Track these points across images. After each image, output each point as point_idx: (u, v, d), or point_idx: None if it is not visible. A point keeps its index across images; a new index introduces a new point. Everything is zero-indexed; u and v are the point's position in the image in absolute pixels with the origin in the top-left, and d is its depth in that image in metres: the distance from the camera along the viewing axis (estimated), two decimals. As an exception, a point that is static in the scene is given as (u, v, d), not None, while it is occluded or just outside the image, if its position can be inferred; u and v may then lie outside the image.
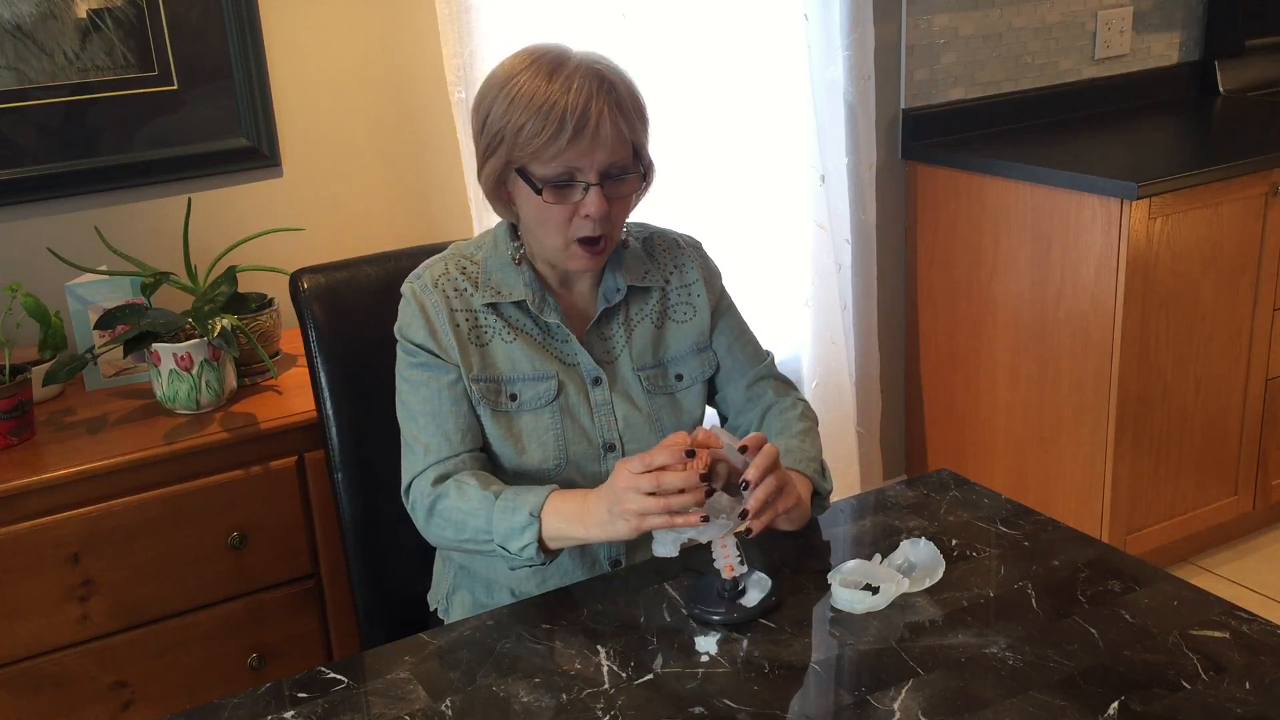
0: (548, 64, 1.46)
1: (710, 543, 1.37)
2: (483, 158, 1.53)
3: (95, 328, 2.04)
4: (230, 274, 2.07)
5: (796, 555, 1.49)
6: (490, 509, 1.45)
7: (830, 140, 2.86)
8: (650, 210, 1.73)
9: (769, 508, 1.36)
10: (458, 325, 1.54)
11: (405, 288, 1.58)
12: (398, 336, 1.58)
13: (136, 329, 1.95)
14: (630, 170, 1.51)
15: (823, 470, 1.57)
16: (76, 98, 2.20)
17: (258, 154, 2.37)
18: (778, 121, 2.81)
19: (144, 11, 2.21)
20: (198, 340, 2.00)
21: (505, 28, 2.43)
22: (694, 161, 2.72)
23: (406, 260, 1.74)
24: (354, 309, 1.73)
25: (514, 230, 1.59)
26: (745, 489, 1.35)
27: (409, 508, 1.56)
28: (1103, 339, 2.69)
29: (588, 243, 1.50)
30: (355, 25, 2.42)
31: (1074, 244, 2.71)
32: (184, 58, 2.27)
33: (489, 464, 1.56)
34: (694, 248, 1.69)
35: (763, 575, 1.40)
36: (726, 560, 1.36)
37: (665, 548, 1.37)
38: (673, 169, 2.68)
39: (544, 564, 1.46)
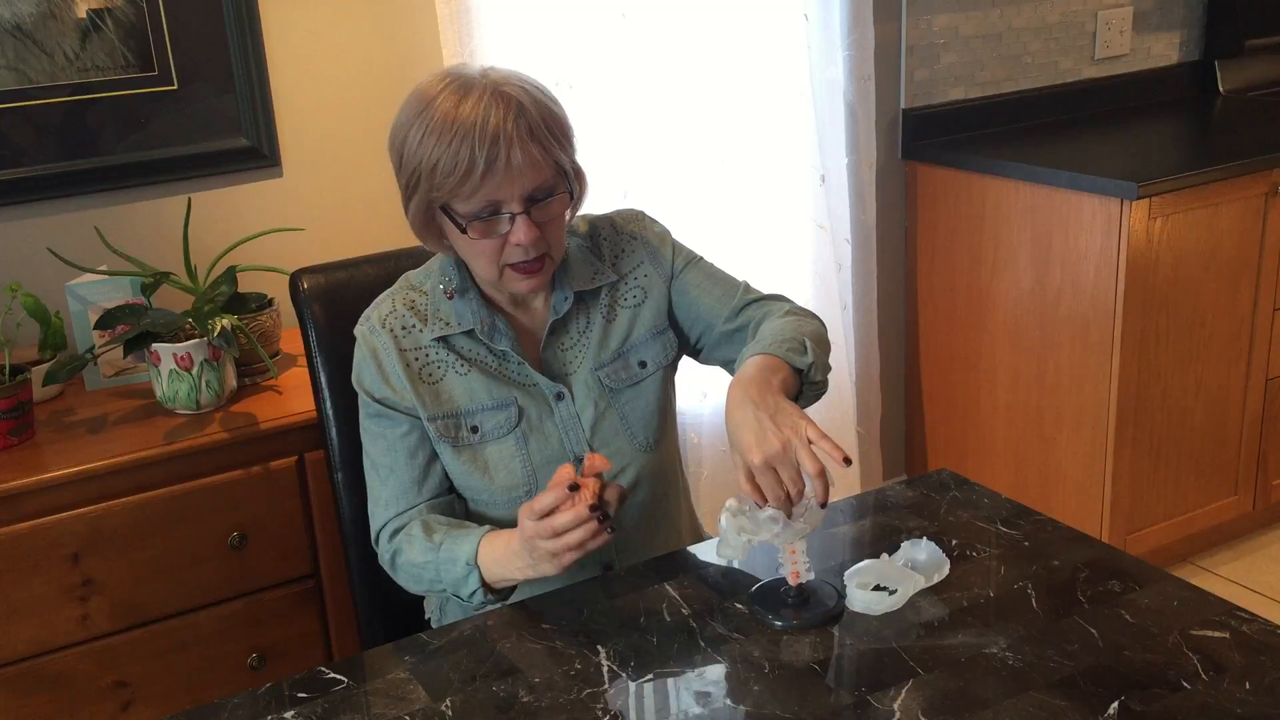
0: (453, 93, 1.40)
1: (779, 548, 1.36)
2: (406, 196, 1.48)
3: (95, 328, 2.04)
4: (230, 274, 2.07)
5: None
6: (436, 560, 1.46)
7: (830, 140, 2.86)
8: (651, 211, 1.71)
9: (798, 500, 1.32)
10: (409, 365, 1.53)
11: (356, 331, 1.57)
12: (355, 386, 1.56)
13: (136, 329, 1.95)
14: (556, 190, 1.46)
15: (804, 347, 1.44)
16: (76, 98, 2.20)
17: (258, 154, 2.37)
18: (778, 121, 2.81)
19: (144, 11, 2.21)
20: (198, 340, 2.00)
21: (505, 28, 2.44)
22: (694, 161, 2.72)
23: (406, 260, 1.74)
24: (354, 309, 1.72)
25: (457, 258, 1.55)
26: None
27: (380, 561, 1.57)
28: (1103, 339, 2.69)
29: (523, 266, 1.47)
30: (355, 26, 2.42)
31: (1074, 244, 2.71)
32: (184, 58, 2.27)
33: (453, 507, 1.56)
34: (634, 221, 1.65)
35: (829, 585, 1.39)
36: (794, 567, 1.35)
37: (731, 550, 1.35)
38: (673, 169, 2.69)
39: (503, 602, 1.46)
